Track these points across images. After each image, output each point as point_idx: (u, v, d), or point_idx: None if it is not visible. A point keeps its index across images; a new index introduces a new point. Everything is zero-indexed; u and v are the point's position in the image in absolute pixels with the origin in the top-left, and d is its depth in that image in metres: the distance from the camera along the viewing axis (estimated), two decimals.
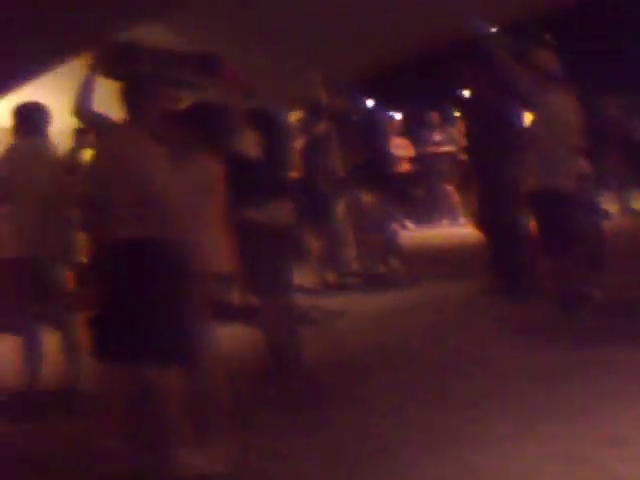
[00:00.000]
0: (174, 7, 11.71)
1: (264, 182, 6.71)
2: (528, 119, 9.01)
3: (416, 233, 16.15)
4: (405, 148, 15.60)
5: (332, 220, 10.74)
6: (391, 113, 16.89)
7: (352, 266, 11.24)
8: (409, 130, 17.07)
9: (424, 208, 17.54)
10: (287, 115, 9.93)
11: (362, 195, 10.90)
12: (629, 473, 4.64)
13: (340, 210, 10.91)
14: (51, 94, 8.46)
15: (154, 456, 4.95)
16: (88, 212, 5.39)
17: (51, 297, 6.91)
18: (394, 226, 11.41)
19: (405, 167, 15.15)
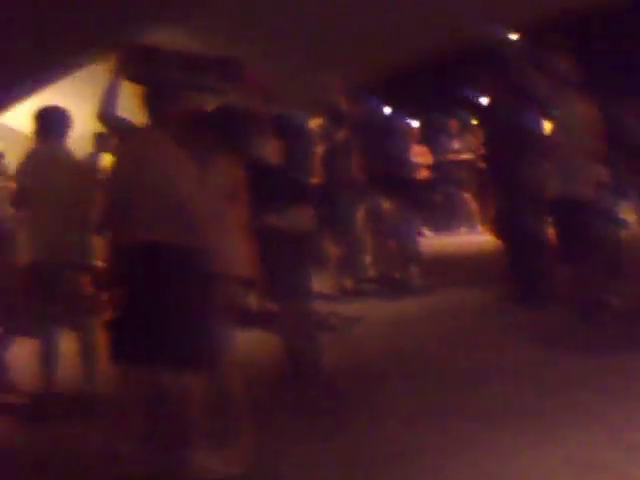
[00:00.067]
0: (192, 12, 11.77)
1: (285, 188, 6.72)
2: (546, 126, 9.00)
3: (433, 240, 16.13)
4: (423, 155, 15.57)
5: (351, 226, 10.75)
6: (408, 120, 16.86)
7: (370, 272, 11.24)
8: (426, 137, 17.04)
9: (442, 216, 17.50)
10: (308, 121, 9.93)
11: (381, 202, 10.90)
12: None
13: (359, 216, 10.92)
14: (70, 98, 8.50)
15: (170, 458, 4.95)
16: (108, 216, 5.37)
17: (68, 301, 6.90)
18: (415, 233, 11.42)
19: (423, 174, 15.11)
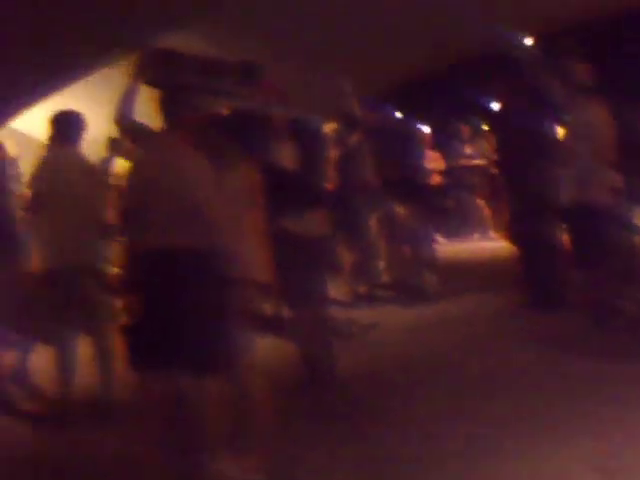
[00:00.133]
0: (206, 16, 11.78)
1: (300, 193, 6.72)
2: (560, 132, 9.00)
3: (446, 247, 16.11)
4: (435, 161, 15.55)
5: (365, 232, 10.75)
6: (419, 126, 16.86)
7: (384, 278, 11.24)
8: (438, 143, 17.02)
9: (454, 222, 17.46)
10: (322, 126, 9.94)
11: (395, 207, 10.91)
12: None
13: (373, 222, 10.93)
14: (82, 102, 8.50)
15: (187, 464, 4.94)
16: (124, 221, 5.37)
17: (84, 306, 6.89)
18: (430, 239, 11.44)
19: (435, 180, 15.10)
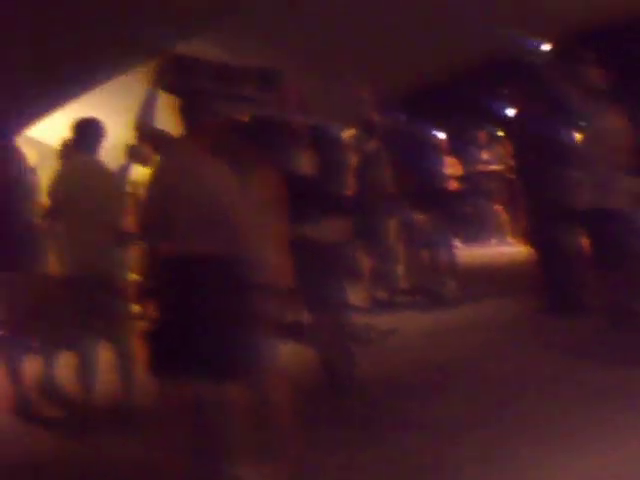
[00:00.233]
0: (221, 23, 11.78)
1: (319, 199, 6.72)
2: (577, 137, 9.01)
3: (464, 252, 16.09)
4: (453, 167, 15.55)
5: (383, 237, 10.77)
6: (435, 132, 16.86)
7: (402, 284, 11.25)
8: (455, 149, 17.01)
9: (472, 227, 17.45)
10: (341, 133, 9.96)
11: (413, 213, 10.92)
12: None
13: (391, 227, 10.96)
14: (99, 110, 8.51)
15: (209, 471, 4.94)
16: (146, 227, 5.38)
17: (104, 313, 6.90)
18: (450, 244, 11.46)
19: (453, 186, 15.08)
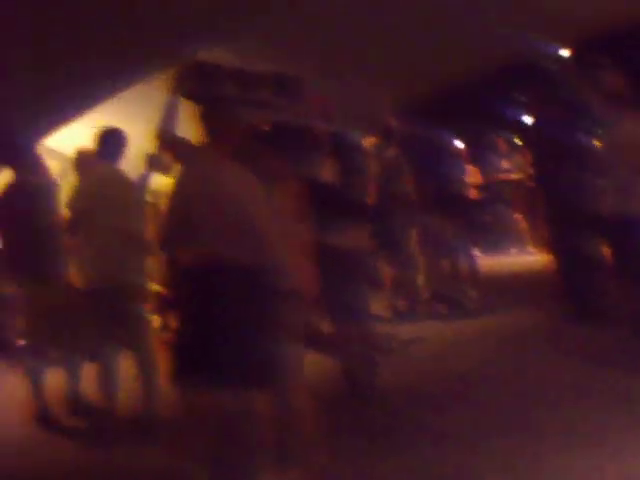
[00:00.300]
0: (240, 31, 11.79)
1: (341, 207, 6.70)
2: (597, 144, 8.98)
3: (484, 261, 16.04)
4: (473, 175, 15.51)
5: (404, 246, 10.75)
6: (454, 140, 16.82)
7: (423, 292, 11.22)
8: (475, 157, 16.96)
9: (492, 236, 17.38)
10: (362, 140, 9.96)
11: (434, 221, 10.90)
12: None
13: (412, 236, 10.95)
14: (118, 118, 8.51)
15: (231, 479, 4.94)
16: (169, 237, 5.36)
17: (126, 323, 6.94)
18: (471, 253, 11.44)
19: (473, 194, 15.04)
